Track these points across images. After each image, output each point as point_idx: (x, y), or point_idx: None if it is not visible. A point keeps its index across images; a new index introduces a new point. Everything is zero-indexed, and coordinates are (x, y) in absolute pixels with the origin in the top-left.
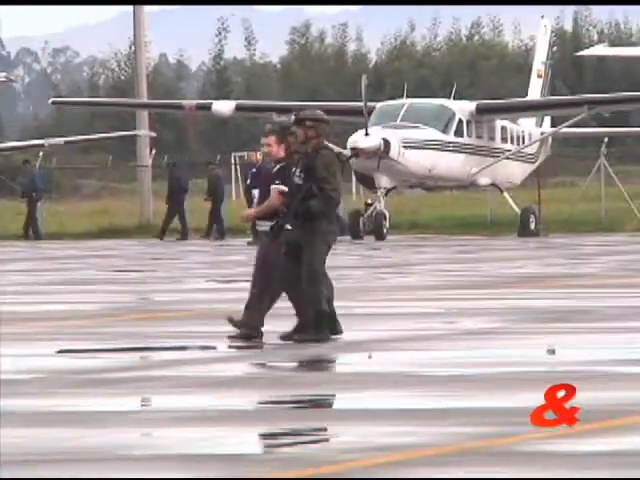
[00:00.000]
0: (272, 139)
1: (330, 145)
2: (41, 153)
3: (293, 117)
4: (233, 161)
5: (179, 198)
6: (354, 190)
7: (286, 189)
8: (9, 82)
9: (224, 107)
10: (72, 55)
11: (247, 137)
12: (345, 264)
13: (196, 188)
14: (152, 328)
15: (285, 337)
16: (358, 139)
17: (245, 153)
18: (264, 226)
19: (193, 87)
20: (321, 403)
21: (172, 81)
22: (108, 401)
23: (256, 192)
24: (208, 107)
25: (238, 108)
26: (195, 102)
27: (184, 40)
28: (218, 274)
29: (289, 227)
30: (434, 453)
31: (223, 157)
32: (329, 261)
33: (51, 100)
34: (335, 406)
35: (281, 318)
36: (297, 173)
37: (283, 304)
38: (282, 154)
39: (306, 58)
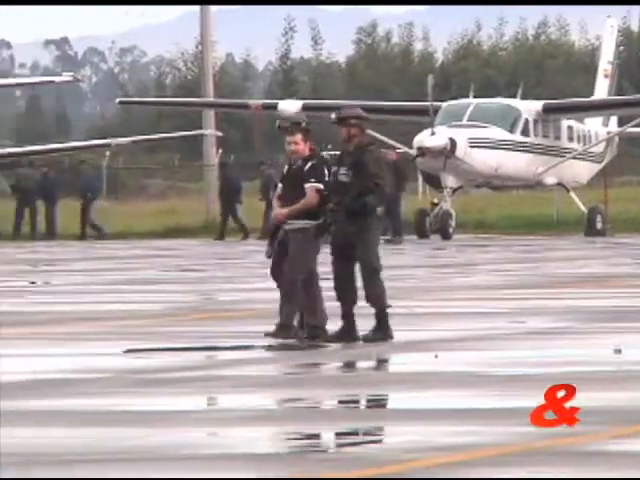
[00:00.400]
0: (298, 137)
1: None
2: (108, 153)
3: (333, 116)
4: None
5: (231, 198)
6: (420, 189)
7: (322, 187)
8: (76, 82)
9: (290, 107)
10: (139, 55)
11: (314, 136)
12: (410, 263)
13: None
14: (215, 327)
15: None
16: (424, 139)
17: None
18: (296, 224)
19: (259, 87)
20: (383, 403)
21: (239, 80)
22: (172, 400)
23: None
24: (274, 107)
25: (304, 108)
26: (261, 102)
27: (251, 40)
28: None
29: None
30: (497, 453)
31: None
32: (395, 260)
33: (118, 100)
34: (397, 406)
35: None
36: (342, 171)
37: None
38: (307, 152)
39: (372, 57)
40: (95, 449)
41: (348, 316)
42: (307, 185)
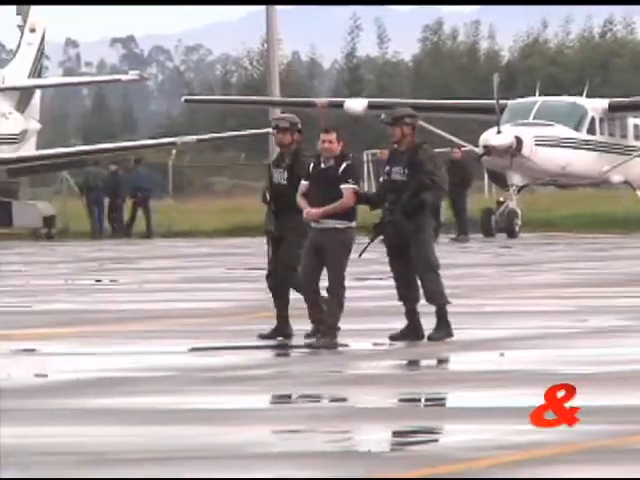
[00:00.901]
0: (333, 136)
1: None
2: (174, 151)
3: (384, 116)
4: (365, 159)
5: None
6: (486, 188)
7: (357, 188)
8: (142, 80)
9: (356, 105)
10: (205, 53)
11: (379, 135)
12: (476, 262)
13: None
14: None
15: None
16: (490, 137)
17: (378, 151)
18: (328, 223)
19: (325, 85)
20: (447, 401)
21: (304, 79)
22: (239, 399)
23: None
24: (340, 105)
25: (370, 106)
26: (327, 100)
27: (317, 38)
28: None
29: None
30: (561, 452)
31: (355, 155)
32: (461, 258)
33: (184, 98)
34: (461, 404)
35: (396, 316)
36: (396, 170)
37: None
38: (338, 151)
39: (438, 56)
40: (162, 447)
41: (412, 314)
42: (345, 186)
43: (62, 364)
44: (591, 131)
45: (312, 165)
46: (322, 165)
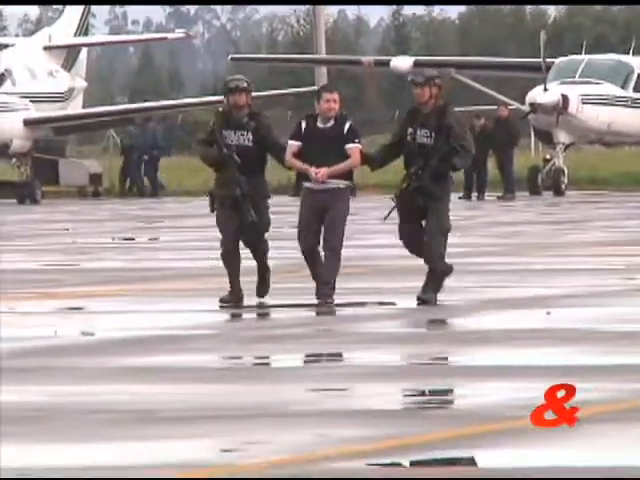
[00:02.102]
0: (337, 95)
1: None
2: (220, 109)
3: (412, 77)
4: None
5: None
6: (533, 146)
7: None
8: (189, 39)
9: (403, 63)
10: (251, 11)
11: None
12: (523, 220)
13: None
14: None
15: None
16: (537, 95)
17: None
18: (332, 184)
19: (372, 43)
20: (492, 359)
21: (351, 37)
22: (283, 357)
23: None
24: (386, 63)
25: (416, 64)
26: (373, 58)
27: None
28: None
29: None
30: (608, 410)
31: (401, 113)
32: (507, 217)
33: (230, 56)
34: (507, 363)
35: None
36: (423, 133)
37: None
38: (338, 112)
39: (485, 14)
40: (208, 405)
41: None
42: (351, 145)
43: (109, 322)
44: (637, 89)
45: (305, 125)
46: (320, 125)
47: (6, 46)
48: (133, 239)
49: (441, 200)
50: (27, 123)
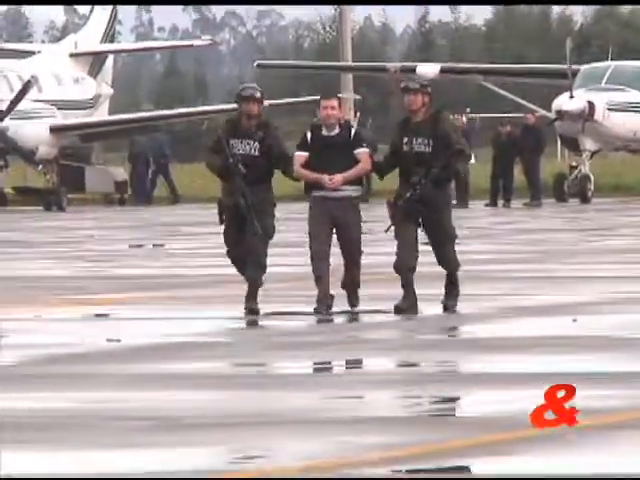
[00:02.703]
0: (335, 102)
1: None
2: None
3: (405, 85)
4: None
5: None
6: (559, 153)
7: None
8: (214, 45)
9: (429, 70)
10: (277, 18)
11: (452, 100)
12: (549, 227)
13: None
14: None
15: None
16: (563, 102)
17: (450, 116)
18: (345, 191)
19: (398, 50)
20: (520, 366)
21: (377, 44)
22: (305, 364)
23: None
24: (413, 70)
25: (443, 71)
26: (400, 65)
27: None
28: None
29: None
30: (636, 417)
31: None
32: (534, 223)
33: (256, 63)
34: (533, 370)
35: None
36: (417, 140)
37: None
38: (341, 117)
39: (510, 21)
40: (236, 412)
41: (411, 284)
42: (360, 151)
43: (134, 329)
44: None
45: (310, 135)
46: (325, 133)
47: (32, 53)
48: (161, 246)
49: (444, 209)
50: (53, 130)
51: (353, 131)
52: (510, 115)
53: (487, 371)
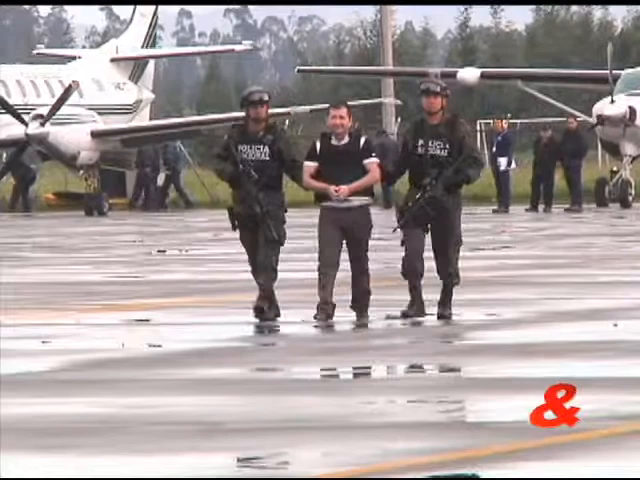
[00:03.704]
0: (344, 111)
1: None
2: (287, 121)
3: (423, 87)
4: (478, 128)
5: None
6: (600, 158)
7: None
8: (255, 50)
9: (469, 75)
10: (318, 23)
11: (492, 105)
12: (590, 232)
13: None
14: (394, 296)
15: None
16: (604, 107)
17: (490, 121)
18: (355, 201)
19: (439, 55)
20: (559, 371)
21: (418, 49)
22: (347, 369)
23: (502, 160)
24: (453, 75)
25: (483, 76)
26: (440, 70)
27: (430, 8)
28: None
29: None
30: None
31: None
32: (575, 228)
33: (297, 68)
34: (574, 375)
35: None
36: (434, 143)
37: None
38: (349, 127)
39: (551, 25)
40: (276, 417)
41: (418, 290)
42: (369, 161)
43: (175, 334)
44: None
45: (320, 144)
46: (335, 142)
47: (73, 58)
48: (200, 250)
49: (452, 212)
50: (94, 135)
51: (362, 141)
52: (551, 120)
53: (523, 376)
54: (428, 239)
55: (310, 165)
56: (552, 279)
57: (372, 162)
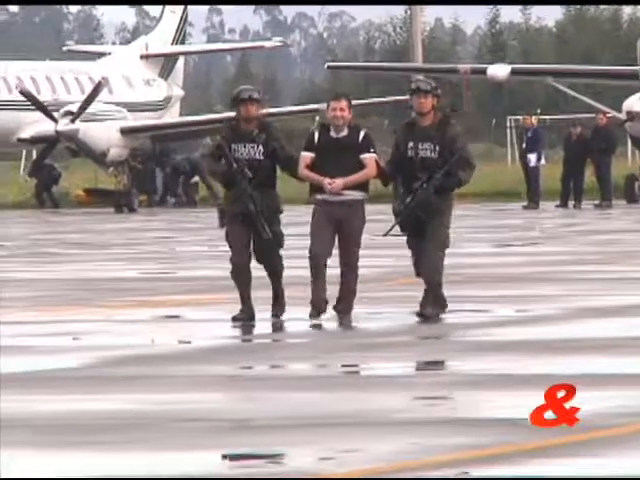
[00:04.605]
0: (344, 103)
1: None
2: (317, 117)
3: (415, 86)
4: (508, 125)
5: None
6: (629, 154)
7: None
8: (285, 47)
9: (499, 71)
10: (348, 20)
11: (522, 101)
12: (620, 228)
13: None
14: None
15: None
16: (634, 103)
17: (520, 117)
18: (349, 195)
19: (468, 51)
20: (585, 367)
21: (447, 45)
22: (380, 365)
23: (532, 156)
24: (483, 71)
25: (513, 72)
26: (470, 66)
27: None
28: (493, 238)
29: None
30: None
31: (498, 121)
32: (604, 225)
33: (327, 65)
34: (606, 371)
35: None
36: (424, 146)
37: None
38: (349, 119)
39: (581, 22)
40: (306, 414)
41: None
42: (367, 155)
43: (205, 331)
44: None
45: (318, 135)
46: (333, 134)
47: (103, 54)
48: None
49: (443, 214)
50: (124, 132)
51: (362, 134)
52: (581, 116)
53: (559, 372)
54: None
55: (307, 155)
56: (582, 275)
57: (370, 157)
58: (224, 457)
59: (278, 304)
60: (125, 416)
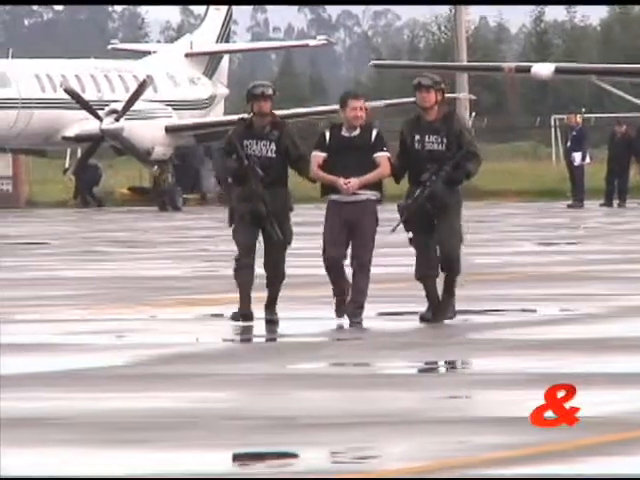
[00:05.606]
0: (362, 102)
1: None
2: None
3: (418, 81)
4: (552, 124)
5: None
6: None
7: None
8: (330, 45)
9: (544, 70)
10: (393, 18)
11: (566, 100)
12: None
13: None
14: (471, 291)
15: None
16: None
17: (565, 116)
18: (363, 195)
19: (513, 49)
20: (634, 368)
21: (492, 43)
22: (418, 364)
23: (576, 155)
24: (527, 70)
25: (558, 71)
26: (515, 65)
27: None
28: (538, 236)
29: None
30: None
31: (542, 120)
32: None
33: (372, 63)
34: (632, 369)
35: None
36: (430, 138)
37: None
38: (365, 119)
39: (626, 20)
40: (349, 412)
41: (435, 292)
42: (380, 154)
43: (250, 329)
44: None
45: (329, 134)
46: (345, 134)
47: (148, 53)
48: None
49: (453, 208)
50: (168, 130)
51: (375, 133)
52: (625, 115)
53: (601, 371)
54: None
55: (319, 155)
56: (627, 274)
57: (383, 156)
58: (263, 455)
59: (272, 306)
60: (168, 414)
